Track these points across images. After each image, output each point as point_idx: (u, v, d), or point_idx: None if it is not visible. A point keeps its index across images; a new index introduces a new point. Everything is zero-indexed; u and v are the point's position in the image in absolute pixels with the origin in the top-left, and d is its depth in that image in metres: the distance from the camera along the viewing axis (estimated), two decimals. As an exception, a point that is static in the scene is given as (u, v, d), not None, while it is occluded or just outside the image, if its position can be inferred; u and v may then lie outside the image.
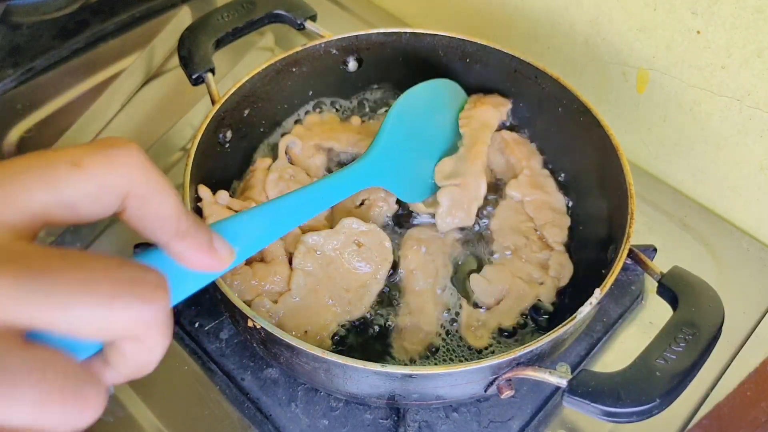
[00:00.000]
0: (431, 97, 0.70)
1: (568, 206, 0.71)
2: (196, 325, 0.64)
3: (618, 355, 0.65)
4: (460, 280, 0.65)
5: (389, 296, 0.64)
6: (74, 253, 0.26)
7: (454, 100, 0.73)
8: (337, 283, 0.61)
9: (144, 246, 0.66)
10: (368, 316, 0.62)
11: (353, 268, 0.62)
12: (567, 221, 0.68)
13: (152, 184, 0.30)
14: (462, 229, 0.68)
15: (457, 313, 0.63)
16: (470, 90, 0.77)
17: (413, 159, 0.66)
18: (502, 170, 0.73)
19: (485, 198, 0.67)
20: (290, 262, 0.61)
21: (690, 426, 0.60)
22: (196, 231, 0.31)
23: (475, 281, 0.63)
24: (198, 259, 0.32)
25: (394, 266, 0.65)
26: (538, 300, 0.63)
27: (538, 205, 0.68)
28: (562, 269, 0.64)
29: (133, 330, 0.27)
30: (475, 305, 0.63)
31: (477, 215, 0.67)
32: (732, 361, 0.65)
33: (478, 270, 0.65)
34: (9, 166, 0.27)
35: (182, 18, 0.97)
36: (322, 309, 0.60)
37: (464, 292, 0.64)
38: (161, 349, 0.29)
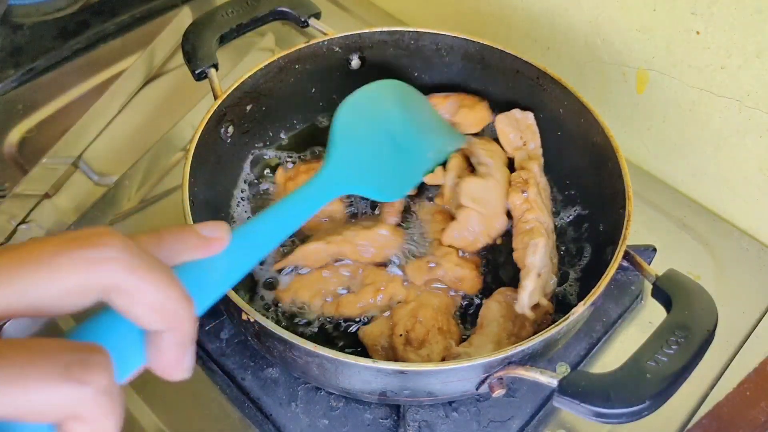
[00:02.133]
0: (376, 97, 0.67)
1: (568, 206, 0.71)
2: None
3: (617, 355, 0.65)
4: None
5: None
6: (11, 341, 0.26)
7: (403, 96, 0.70)
8: None
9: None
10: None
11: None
12: (553, 237, 0.68)
13: (136, 279, 0.28)
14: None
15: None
16: (470, 91, 0.77)
17: (377, 159, 0.63)
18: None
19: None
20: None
21: (689, 425, 0.60)
22: (178, 326, 0.30)
23: (539, 242, 0.61)
24: (172, 362, 0.31)
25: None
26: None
27: (539, 206, 0.68)
28: (553, 273, 0.65)
29: (72, 410, 0.26)
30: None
31: None
32: (731, 360, 0.65)
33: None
34: None
35: (183, 18, 0.97)
36: None
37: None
38: (110, 428, 0.28)
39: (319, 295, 0.61)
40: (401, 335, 0.57)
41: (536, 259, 0.60)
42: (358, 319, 0.62)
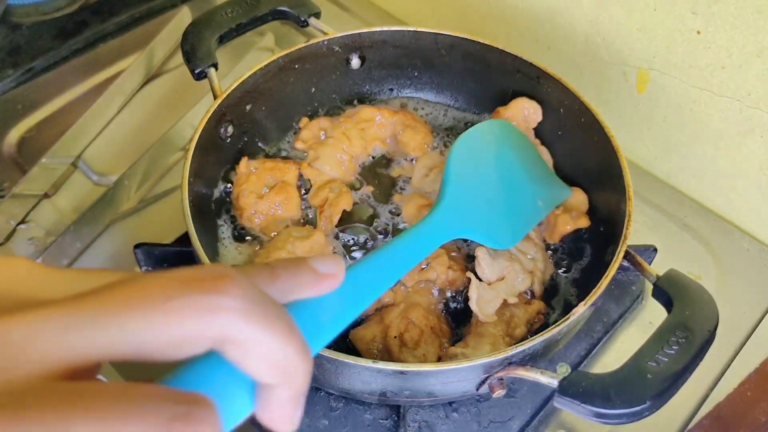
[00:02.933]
0: (489, 136, 0.66)
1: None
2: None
3: (618, 355, 0.65)
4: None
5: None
6: (108, 386, 0.23)
7: (512, 138, 0.69)
8: None
9: (144, 246, 0.65)
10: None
11: None
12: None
13: (255, 330, 0.25)
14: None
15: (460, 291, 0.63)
16: (471, 90, 0.77)
17: (490, 201, 0.62)
18: None
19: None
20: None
21: (690, 426, 0.60)
22: (294, 380, 0.28)
23: (482, 254, 0.62)
24: (282, 417, 0.29)
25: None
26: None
27: None
28: (545, 264, 0.65)
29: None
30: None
31: None
32: (732, 361, 0.65)
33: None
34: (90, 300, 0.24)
35: (182, 18, 0.97)
36: None
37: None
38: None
39: None
40: (396, 337, 0.57)
41: (480, 269, 0.62)
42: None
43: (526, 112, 0.72)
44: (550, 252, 0.67)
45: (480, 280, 0.61)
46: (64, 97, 0.87)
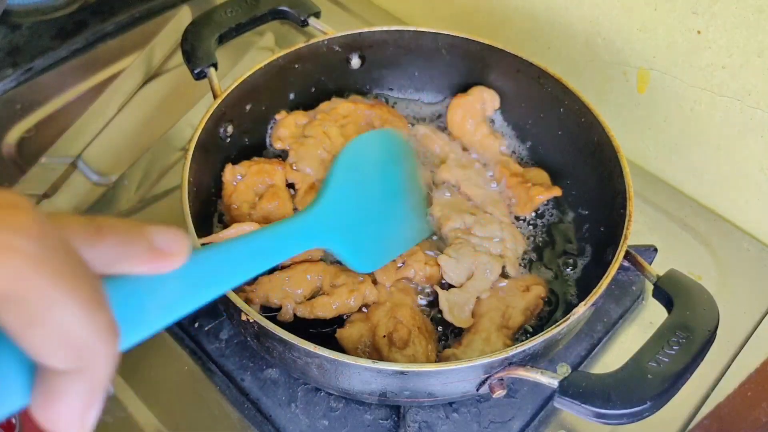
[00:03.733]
0: (378, 147, 0.64)
1: (569, 206, 0.71)
2: (196, 325, 0.63)
3: (618, 355, 0.65)
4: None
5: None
6: None
7: (400, 153, 0.67)
8: None
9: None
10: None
11: None
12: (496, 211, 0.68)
13: (44, 286, 0.19)
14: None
15: (431, 302, 0.63)
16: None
17: (364, 218, 0.59)
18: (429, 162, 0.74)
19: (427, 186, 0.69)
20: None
21: (691, 426, 0.60)
22: (91, 367, 0.21)
23: (444, 260, 0.63)
24: (67, 416, 0.21)
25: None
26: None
27: (473, 183, 0.70)
28: (516, 240, 0.65)
29: None
30: (449, 287, 0.63)
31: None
32: (732, 361, 0.65)
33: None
34: None
35: (182, 18, 0.97)
36: None
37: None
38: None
39: (290, 296, 0.61)
40: (384, 336, 0.57)
41: (446, 275, 0.63)
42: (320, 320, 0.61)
43: (484, 99, 0.74)
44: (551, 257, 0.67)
45: (449, 287, 0.62)
46: (64, 97, 0.86)
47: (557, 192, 0.68)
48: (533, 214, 0.70)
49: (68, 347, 0.20)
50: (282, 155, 0.74)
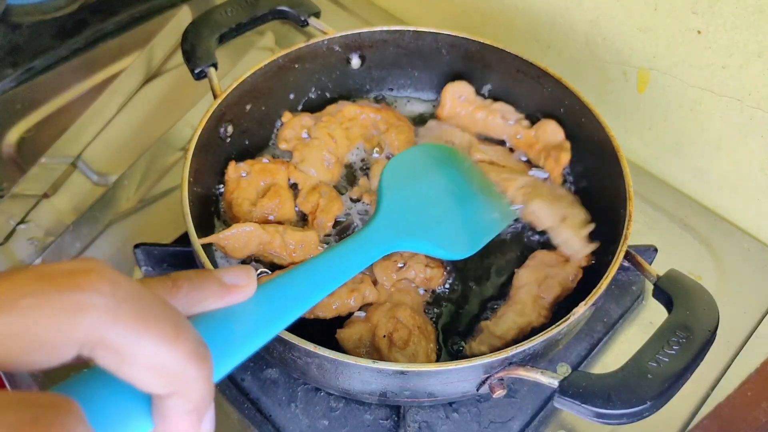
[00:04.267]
0: (423, 156, 0.66)
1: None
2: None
3: (618, 355, 0.65)
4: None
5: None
6: None
7: (450, 158, 0.69)
8: None
9: (144, 246, 0.65)
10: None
11: None
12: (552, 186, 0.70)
13: (125, 332, 0.22)
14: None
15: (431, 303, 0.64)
16: (474, 90, 0.77)
17: (433, 214, 0.61)
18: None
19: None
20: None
21: (691, 426, 0.60)
22: (185, 390, 0.24)
23: (538, 204, 0.64)
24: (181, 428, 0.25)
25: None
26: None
27: (505, 157, 0.72)
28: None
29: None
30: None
31: None
32: (732, 361, 0.65)
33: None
34: None
35: (182, 17, 0.97)
36: None
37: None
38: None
39: None
40: (384, 336, 0.57)
41: (543, 218, 0.64)
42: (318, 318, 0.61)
43: (460, 92, 0.75)
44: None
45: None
46: (64, 96, 0.86)
47: (564, 160, 0.69)
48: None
49: (160, 375, 0.23)
50: (283, 156, 0.74)
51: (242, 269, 0.31)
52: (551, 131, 0.71)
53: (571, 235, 0.63)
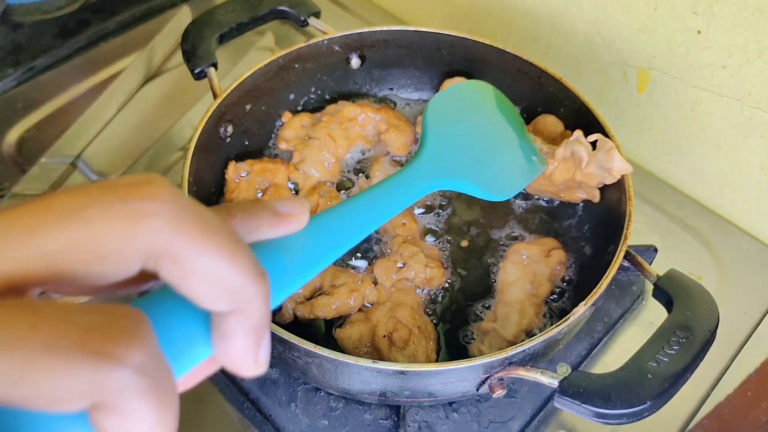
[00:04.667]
0: (470, 91, 0.64)
1: (569, 206, 0.71)
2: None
3: (618, 355, 0.65)
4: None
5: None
6: (15, 303, 0.20)
7: (492, 97, 0.66)
8: None
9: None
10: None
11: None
12: None
13: (189, 240, 0.22)
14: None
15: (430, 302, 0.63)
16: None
17: (476, 152, 0.58)
18: None
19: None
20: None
21: (691, 426, 0.60)
22: (247, 306, 0.24)
23: (577, 132, 0.62)
24: (241, 353, 0.25)
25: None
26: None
27: None
28: None
29: (95, 398, 0.20)
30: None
31: None
32: (732, 361, 0.65)
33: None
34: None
35: (182, 17, 0.97)
36: None
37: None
38: (153, 424, 0.21)
39: (290, 297, 0.60)
40: (385, 336, 0.57)
41: (584, 147, 0.60)
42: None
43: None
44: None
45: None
46: (65, 96, 0.87)
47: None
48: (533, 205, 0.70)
49: (221, 290, 0.23)
50: (282, 156, 0.74)
51: (296, 199, 0.31)
52: (551, 122, 0.71)
53: (615, 151, 0.59)
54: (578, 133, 0.61)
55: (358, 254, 0.66)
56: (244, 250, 0.24)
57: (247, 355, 0.25)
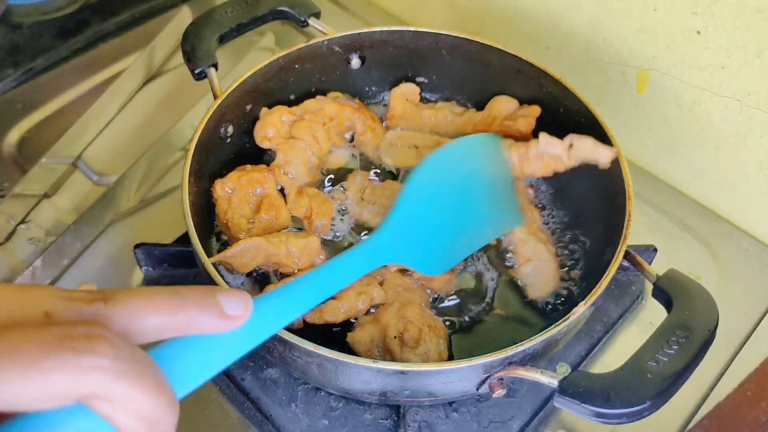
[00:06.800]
0: (459, 154, 0.64)
1: (569, 206, 0.71)
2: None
3: (618, 355, 0.65)
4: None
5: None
6: None
7: (488, 151, 0.66)
8: None
9: (144, 246, 0.66)
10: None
11: None
12: None
13: (124, 387, 0.26)
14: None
15: (438, 299, 0.63)
16: (471, 89, 0.77)
17: (435, 231, 0.60)
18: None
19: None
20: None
21: (690, 426, 0.60)
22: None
23: (542, 135, 0.64)
24: None
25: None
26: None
27: None
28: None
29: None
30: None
31: None
32: (732, 361, 0.65)
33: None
34: None
35: (182, 18, 0.97)
36: None
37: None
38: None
39: None
40: (395, 337, 0.57)
41: (552, 145, 0.63)
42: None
43: (406, 93, 0.76)
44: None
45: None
46: (65, 96, 0.87)
47: (537, 111, 0.70)
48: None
49: (143, 422, 0.27)
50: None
51: (242, 298, 0.33)
52: (505, 102, 0.72)
53: (593, 142, 0.61)
54: (544, 138, 0.63)
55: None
56: (165, 387, 0.28)
57: None
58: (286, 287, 0.40)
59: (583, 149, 0.61)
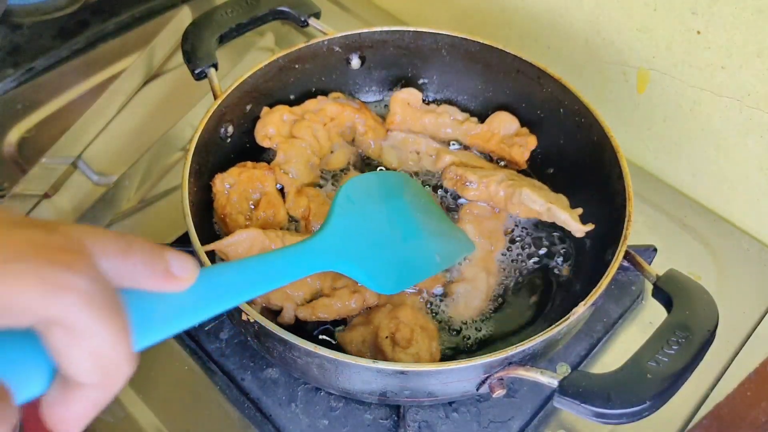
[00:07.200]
0: (384, 183, 0.64)
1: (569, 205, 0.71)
2: (196, 325, 0.63)
3: (618, 355, 0.65)
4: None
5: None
6: None
7: (411, 191, 0.67)
8: None
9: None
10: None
11: None
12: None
13: (93, 320, 0.23)
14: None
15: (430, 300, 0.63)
16: (471, 89, 0.77)
17: (378, 243, 0.58)
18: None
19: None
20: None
21: (690, 426, 0.60)
22: (110, 385, 0.25)
23: (528, 194, 0.65)
24: (71, 419, 0.25)
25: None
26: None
27: (472, 157, 0.74)
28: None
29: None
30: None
31: None
32: (732, 361, 0.65)
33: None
34: None
35: (182, 18, 0.97)
36: None
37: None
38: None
39: (291, 298, 0.60)
40: (387, 337, 0.57)
41: (533, 204, 0.65)
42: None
43: (407, 98, 0.76)
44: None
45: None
46: (65, 96, 0.87)
47: (533, 143, 0.72)
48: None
49: (98, 367, 0.23)
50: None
51: (190, 261, 0.31)
52: (506, 121, 0.73)
53: (568, 216, 0.63)
54: (527, 194, 0.65)
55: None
56: (129, 333, 0.25)
57: (80, 421, 0.24)
58: (235, 263, 0.40)
59: (558, 218, 0.64)
